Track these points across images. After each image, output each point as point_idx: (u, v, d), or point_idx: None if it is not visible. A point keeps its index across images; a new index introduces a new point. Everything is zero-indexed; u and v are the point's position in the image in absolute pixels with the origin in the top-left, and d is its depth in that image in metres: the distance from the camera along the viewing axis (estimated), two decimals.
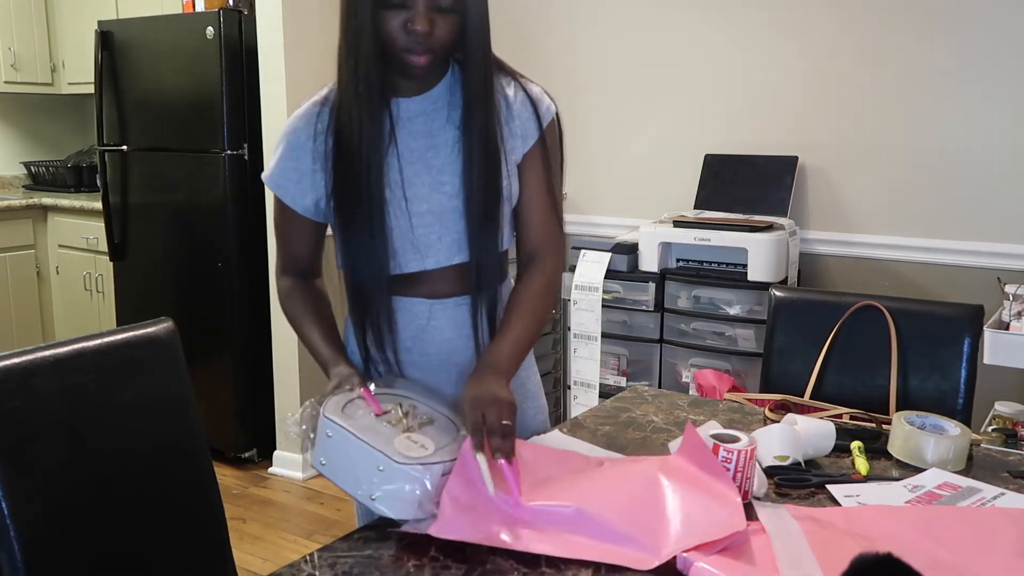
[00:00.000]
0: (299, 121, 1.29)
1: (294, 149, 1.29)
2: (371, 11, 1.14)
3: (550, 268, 1.34)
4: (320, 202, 1.30)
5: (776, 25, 2.91)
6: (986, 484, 1.22)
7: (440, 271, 1.30)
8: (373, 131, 1.22)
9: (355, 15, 1.17)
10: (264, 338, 3.26)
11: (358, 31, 1.17)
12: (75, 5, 4.26)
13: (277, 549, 2.70)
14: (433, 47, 1.16)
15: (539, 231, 1.34)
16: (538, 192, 1.32)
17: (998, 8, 2.54)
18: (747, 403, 1.61)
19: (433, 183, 1.27)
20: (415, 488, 1.04)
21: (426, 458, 1.07)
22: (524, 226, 1.34)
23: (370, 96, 1.20)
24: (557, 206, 1.35)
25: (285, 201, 1.32)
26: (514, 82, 1.31)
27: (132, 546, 1.24)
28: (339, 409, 1.12)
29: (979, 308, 1.76)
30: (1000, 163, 2.59)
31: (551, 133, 1.32)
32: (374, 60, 1.18)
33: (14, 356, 1.16)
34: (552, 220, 1.34)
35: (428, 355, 1.34)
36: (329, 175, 1.26)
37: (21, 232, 4.14)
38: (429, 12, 1.14)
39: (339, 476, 1.09)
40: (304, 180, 1.29)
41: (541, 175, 1.32)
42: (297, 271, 1.39)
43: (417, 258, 1.29)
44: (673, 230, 2.76)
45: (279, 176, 1.31)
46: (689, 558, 0.97)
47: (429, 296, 1.32)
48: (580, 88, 3.26)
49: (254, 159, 3.18)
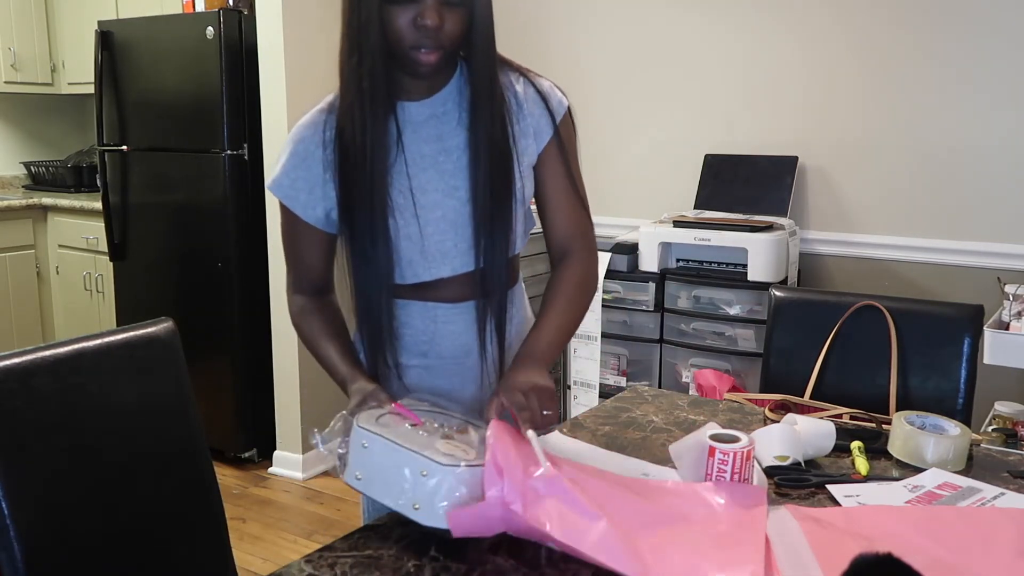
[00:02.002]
0: (306, 130, 1.26)
1: (304, 158, 1.25)
2: (378, 6, 1.11)
3: (586, 260, 1.32)
4: (331, 212, 1.26)
5: (776, 25, 2.91)
6: (986, 484, 1.22)
7: (459, 276, 1.28)
8: (376, 131, 1.18)
9: (359, 10, 1.13)
10: (264, 338, 3.25)
11: (363, 26, 1.13)
12: (75, 5, 4.26)
13: (277, 549, 2.70)
14: (443, 43, 1.13)
15: (568, 226, 1.32)
16: (561, 187, 1.30)
17: (999, 8, 2.54)
18: (747, 403, 1.61)
19: (446, 188, 1.24)
20: (462, 489, 1.01)
21: (472, 461, 1.04)
22: (552, 223, 1.32)
23: (374, 94, 1.16)
24: (582, 198, 1.32)
25: (295, 212, 1.27)
26: (523, 78, 1.28)
27: (132, 546, 1.24)
28: (373, 421, 1.10)
29: (979, 308, 1.76)
30: (1000, 163, 2.59)
31: (566, 127, 1.29)
32: (380, 55, 1.14)
33: (14, 356, 1.16)
34: (580, 213, 1.32)
35: (444, 358, 1.32)
36: (337, 183, 1.23)
37: (21, 232, 4.13)
38: (439, 6, 1.11)
39: (376, 489, 1.05)
40: (316, 190, 1.25)
41: (561, 170, 1.29)
42: (309, 287, 1.35)
43: (433, 266, 1.26)
44: (673, 230, 2.76)
45: (288, 187, 1.26)
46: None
47: (447, 300, 1.29)
48: (580, 88, 3.26)
49: (254, 159, 3.18)
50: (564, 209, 1.31)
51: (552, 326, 1.26)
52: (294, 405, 3.18)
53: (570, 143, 1.31)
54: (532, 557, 1.01)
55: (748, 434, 1.18)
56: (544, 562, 1.00)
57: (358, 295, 1.27)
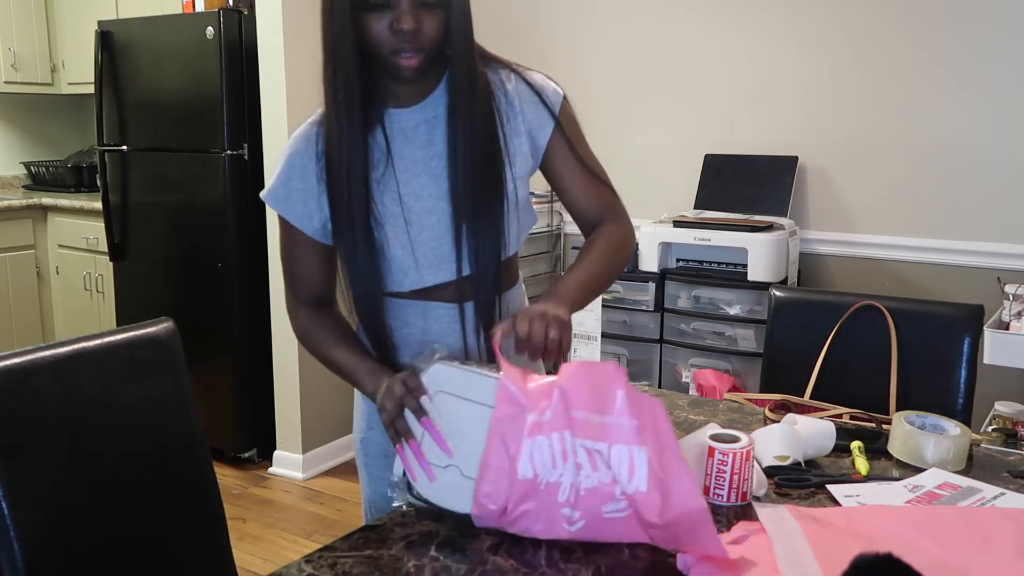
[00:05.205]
0: (299, 142, 1.25)
1: (299, 169, 1.24)
2: (351, 15, 1.10)
3: (619, 225, 1.32)
4: (327, 224, 1.25)
5: (777, 25, 2.91)
6: (986, 484, 1.22)
7: (460, 279, 1.26)
8: (353, 142, 1.18)
9: (334, 20, 1.12)
10: (264, 338, 3.25)
11: (337, 36, 1.12)
12: (75, 5, 4.26)
13: (277, 549, 2.70)
14: (423, 45, 1.11)
15: (593, 204, 1.32)
16: (577, 173, 1.30)
17: (999, 9, 2.54)
18: (747, 403, 1.61)
19: (440, 192, 1.23)
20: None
21: None
22: (577, 208, 1.32)
23: (349, 104, 1.16)
24: (602, 177, 1.32)
25: (292, 222, 1.26)
26: (514, 75, 1.26)
27: (132, 546, 1.24)
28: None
29: (979, 308, 1.76)
30: (1000, 163, 2.59)
31: (566, 115, 1.29)
32: (353, 65, 1.13)
33: (14, 356, 1.16)
34: (602, 189, 1.32)
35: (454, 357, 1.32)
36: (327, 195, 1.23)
37: (21, 232, 4.13)
38: (414, 9, 1.09)
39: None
40: (311, 202, 1.24)
41: (572, 158, 1.29)
42: (312, 300, 1.32)
43: (432, 271, 1.25)
44: (673, 230, 2.76)
45: (284, 198, 1.25)
46: (689, 558, 0.97)
47: (444, 300, 1.28)
48: (580, 88, 3.25)
49: (254, 159, 3.18)
50: (586, 191, 1.31)
51: (579, 271, 1.24)
52: (294, 405, 3.18)
53: (574, 129, 1.30)
54: (532, 557, 1.01)
55: (748, 434, 1.18)
56: (544, 562, 1.00)
57: (354, 303, 1.27)
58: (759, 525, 1.06)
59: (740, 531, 1.04)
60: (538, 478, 1.02)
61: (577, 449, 1.01)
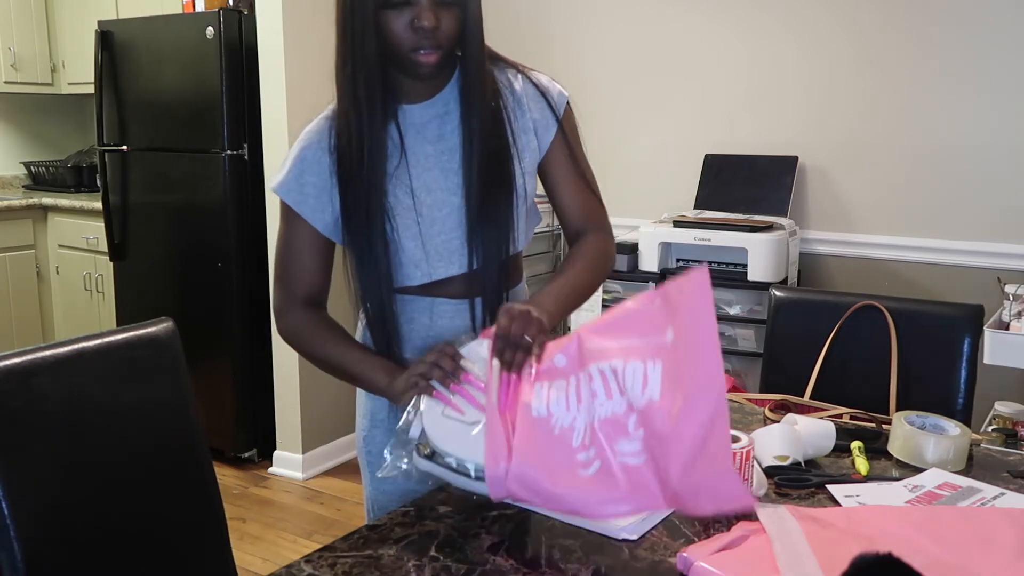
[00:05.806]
0: (312, 136, 1.26)
1: (312, 163, 1.25)
2: (373, 11, 1.12)
3: (601, 238, 1.34)
4: (338, 219, 1.25)
5: (777, 25, 2.91)
6: (986, 484, 1.22)
7: (467, 273, 1.27)
8: (374, 138, 1.19)
9: (354, 17, 1.14)
10: (264, 338, 3.25)
11: (358, 33, 1.14)
12: (75, 5, 4.26)
13: (277, 549, 2.70)
14: (441, 42, 1.14)
15: (581, 214, 1.34)
16: (571, 178, 1.32)
17: (999, 9, 2.54)
18: (747, 403, 1.61)
19: (450, 186, 1.25)
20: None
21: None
22: (565, 214, 1.34)
23: (371, 100, 1.18)
24: (592, 186, 1.34)
25: (304, 215, 1.26)
26: (520, 75, 1.29)
27: (132, 546, 1.24)
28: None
29: (979, 308, 1.76)
30: (1000, 163, 2.59)
31: (568, 119, 1.31)
32: (376, 62, 1.16)
33: (14, 356, 1.16)
34: (592, 200, 1.34)
35: None
36: (339, 189, 1.24)
37: (21, 232, 4.13)
38: (433, 7, 1.12)
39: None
40: (323, 195, 1.25)
41: (569, 162, 1.31)
42: (306, 299, 1.30)
43: (443, 265, 1.26)
44: (673, 230, 2.76)
45: (297, 191, 1.25)
46: (689, 558, 0.97)
47: (451, 296, 1.29)
48: (581, 88, 3.25)
49: (254, 159, 3.18)
50: (577, 198, 1.33)
51: (559, 282, 1.25)
52: (294, 405, 3.18)
53: (574, 134, 1.33)
54: (532, 557, 1.01)
55: (748, 434, 1.18)
56: (544, 562, 1.00)
57: (362, 299, 1.27)
58: (759, 525, 1.06)
59: (740, 531, 1.04)
60: (552, 418, 1.02)
61: (593, 375, 1.02)
